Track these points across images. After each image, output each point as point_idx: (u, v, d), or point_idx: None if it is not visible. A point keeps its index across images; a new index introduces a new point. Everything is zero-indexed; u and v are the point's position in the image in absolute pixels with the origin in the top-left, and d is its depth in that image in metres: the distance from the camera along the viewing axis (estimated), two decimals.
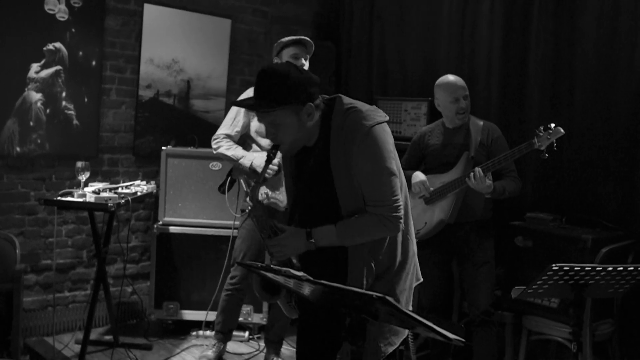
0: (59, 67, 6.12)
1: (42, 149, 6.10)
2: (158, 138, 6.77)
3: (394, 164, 3.28)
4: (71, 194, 5.36)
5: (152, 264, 6.40)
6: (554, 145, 4.66)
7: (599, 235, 4.93)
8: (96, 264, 5.80)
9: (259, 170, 5.24)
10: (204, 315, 6.24)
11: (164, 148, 6.39)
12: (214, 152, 5.50)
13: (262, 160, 5.25)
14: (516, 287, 4.02)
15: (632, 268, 3.73)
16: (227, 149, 5.42)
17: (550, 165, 5.39)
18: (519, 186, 5.14)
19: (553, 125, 4.67)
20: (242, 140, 5.53)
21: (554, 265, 3.62)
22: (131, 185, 6.00)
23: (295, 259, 3.47)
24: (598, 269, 3.69)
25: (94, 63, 6.37)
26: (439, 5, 6.57)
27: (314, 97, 3.23)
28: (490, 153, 5.08)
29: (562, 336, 4.96)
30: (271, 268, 3.00)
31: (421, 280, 3.62)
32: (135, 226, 6.87)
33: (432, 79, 5.85)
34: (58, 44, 6.10)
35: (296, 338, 3.72)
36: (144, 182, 6.23)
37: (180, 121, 6.97)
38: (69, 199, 5.32)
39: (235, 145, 5.44)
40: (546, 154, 4.69)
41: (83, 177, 5.49)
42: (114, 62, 6.56)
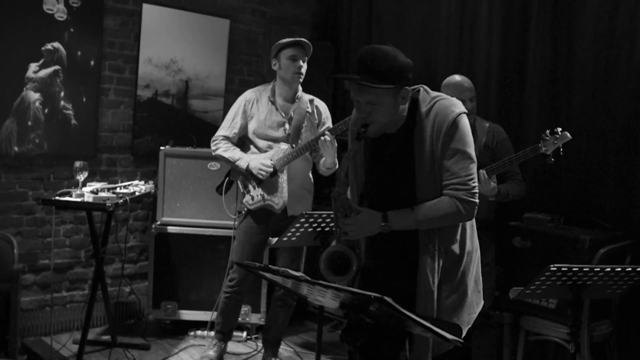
0: (57, 67, 6.12)
1: (41, 149, 6.10)
2: (156, 138, 6.77)
3: (474, 153, 3.32)
4: (69, 194, 5.36)
5: (150, 264, 6.40)
6: (560, 150, 4.64)
7: (597, 236, 4.93)
8: (94, 263, 5.79)
9: (255, 172, 5.27)
10: (202, 315, 6.24)
11: (162, 148, 6.39)
12: (212, 153, 5.51)
13: (259, 163, 5.27)
14: (514, 287, 4.03)
15: (630, 269, 3.74)
16: (225, 150, 5.43)
17: (548, 166, 5.40)
18: (523, 189, 5.13)
19: (560, 130, 4.64)
20: (240, 142, 5.53)
21: (552, 265, 3.63)
22: (129, 185, 5.99)
23: (357, 249, 3.51)
24: (596, 269, 3.70)
25: (92, 63, 6.37)
26: (437, 5, 6.57)
27: (409, 83, 3.28)
28: (495, 155, 5.05)
29: (560, 337, 4.96)
30: (269, 268, 3.00)
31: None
32: (134, 226, 6.86)
33: (431, 79, 5.87)
34: (56, 44, 6.10)
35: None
36: (142, 182, 6.23)
37: (178, 121, 6.96)
38: (67, 198, 5.31)
39: (233, 147, 5.45)
40: (552, 159, 4.67)
41: (81, 177, 5.48)
42: (113, 61, 6.56)
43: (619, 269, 3.72)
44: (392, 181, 3.41)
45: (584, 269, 3.68)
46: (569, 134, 4.64)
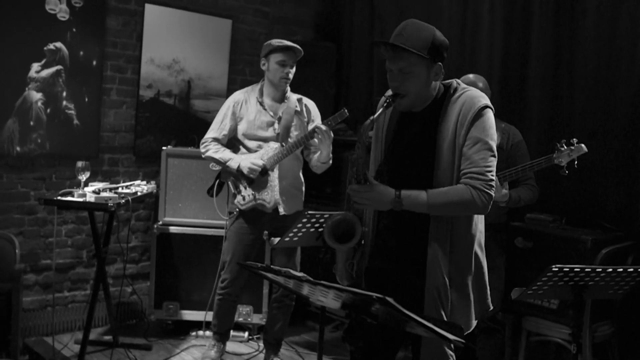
0: (59, 67, 6.12)
1: (43, 149, 6.10)
2: (158, 138, 6.78)
3: (495, 148, 3.31)
4: (71, 194, 5.35)
5: (152, 264, 6.40)
6: (575, 163, 4.57)
7: (599, 237, 4.93)
8: (96, 264, 5.78)
9: (246, 172, 5.28)
10: (204, 316, 6.23)
11: (164, 148, 6.39)
12: (202, 155, 5.53)
13: (249, 162, 5.27)
14: (516, 288, 4.03)
15: (632, 269, 3.74)
16: (215, 151, 5.44)
17: (550, 166, 5.40)
18: (535, 195, 5.04)
19: (575, 141, 4.57)
20: (230, 143, 5.54)
21: (553, 266, 3.63)
22: (131, 185, 5.99)
23: (363, 225, 3.51)
24: (598, 270, 3.70)
25: (94, 63, 6.37)
26: (439, 5, 6.57)
27: (444, 61, 3.31)
28: (508, 158, 4.98)
29: (562, 337, 4.96)
30: (271, 268, 3.00)
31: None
32: (135, 226, 6.87)
33: None
34: (59, 44, 6.11)
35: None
36: (144, 182, 6.22)
37: (180, 121, 6.97)
38: (69, 198, 5.31)
39: (223, 148, 5.46)
40: (566, 172, 4.58)
41: (83, 177, 5.48)
42: (115, 62, 6.56)
43: (621, 269, 3.71)
44: (411, 162, 3.40)
45: (586, 270, 3.68)
46: (585, 147, 4.56)
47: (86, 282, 6.54)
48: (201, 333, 6.33)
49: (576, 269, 3.65)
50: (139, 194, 5.76)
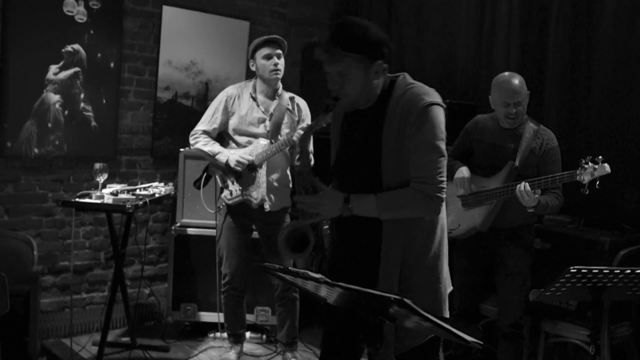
0: (77, 69, 6.15)
1: (60, 151, 6.13)
2: (176, 140, 6.78)
3: (444, 147, 3.24)
4: (89, 196, 5.37)
5: (169, 265, 6.41)
6: (597, 183, 4.41)
7: (617, 238, 4.91)
8: (114, 265, 5.81)
9: (233, 165, 5.30)
10: (221, 317, 6.23)
11: (182, 150, 6.39)
12: (191, 147, 5.57)
13: (238, 156, 5.29)
14: (534, 289, 4.01)
15: None
16: (204, 144, 5.45)
17: (568, 167, 5.37)
18: (561, 204, 4.88)
19: (601, 159, 4.42)
20: (220, 137, 5.57)
21: (572, 267, 3.61)
22: (149, 187, 5.98)
23: (325, 228, 3.50)
24: (616, 271, 3.68)
25: (112, 65, 6.39)
26: (456, 6, 6.57)
27: (384, 58, 3.23)
28: (539, 163, 4.85)
29: (580, 339, 4.94)
30: (290, 270, 2.98)
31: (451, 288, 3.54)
32: (153, 228, 6.88)
33: (451, 79, 5.86)
34: (76, 46, 6.13)
35: (321, 343, 3.68)
36: (162, 184, 6.21)
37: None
38: (86, 200, 5.33)
39: (212, 142, 5.48)
40: (587, 191, 4.42)
41: (101, 179, 5.50)
42: (133, 63, 6.59)
43: (639, 270, 3.70)
44: (360, 162, 3.34)
45: (604, 271, 3.66)
46: (608, 167, 4.41)
47: (104, 283, 6.56)
48: (219, 334, 6.33)
49: (594, 271, 3.64)
50: (156, 195, 5.77)
